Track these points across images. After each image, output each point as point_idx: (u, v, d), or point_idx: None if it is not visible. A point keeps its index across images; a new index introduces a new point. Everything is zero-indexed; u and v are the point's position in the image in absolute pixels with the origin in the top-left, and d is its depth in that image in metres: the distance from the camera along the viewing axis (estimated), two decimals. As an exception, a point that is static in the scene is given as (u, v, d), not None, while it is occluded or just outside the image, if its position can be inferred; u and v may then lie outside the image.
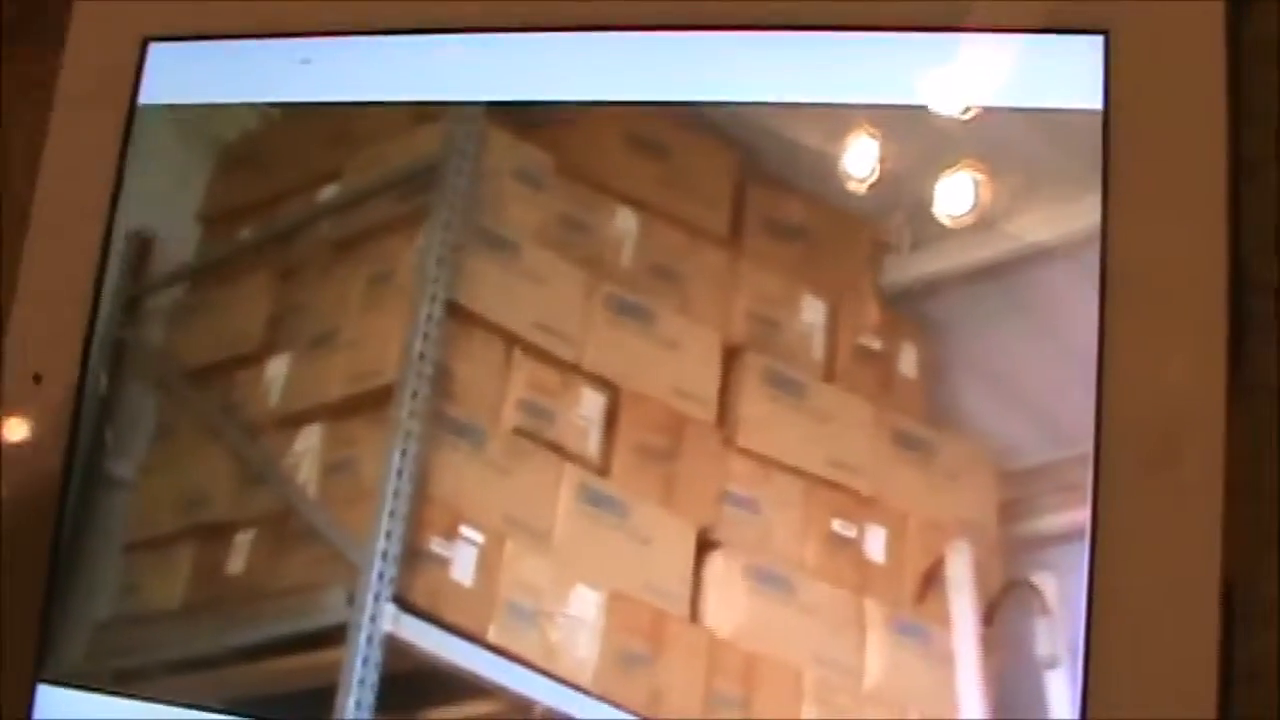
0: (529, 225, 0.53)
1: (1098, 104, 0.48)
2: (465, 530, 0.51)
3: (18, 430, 0.57)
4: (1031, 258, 0.48)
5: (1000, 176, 0.49)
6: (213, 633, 0.54)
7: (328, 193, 0.56)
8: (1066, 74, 0.49)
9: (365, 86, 0.55)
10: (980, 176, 0.49)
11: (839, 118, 0.51)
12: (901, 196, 0.50)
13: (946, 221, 0.49)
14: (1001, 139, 0.49)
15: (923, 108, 0.50)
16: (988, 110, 0.49)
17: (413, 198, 0.54)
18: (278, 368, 0.55)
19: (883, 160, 0.50)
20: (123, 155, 0.57)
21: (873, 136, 0.50)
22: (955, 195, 0.49)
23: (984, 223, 0.49)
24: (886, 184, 0.50)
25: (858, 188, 0.50)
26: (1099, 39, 0.48)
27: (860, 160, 0.50)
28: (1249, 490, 0.46)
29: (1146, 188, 0.48)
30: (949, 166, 0.50)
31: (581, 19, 0.53)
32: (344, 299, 0.55)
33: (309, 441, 0.54)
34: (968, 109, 0.50)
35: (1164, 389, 0.46)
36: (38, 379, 0.57)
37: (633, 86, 0.52)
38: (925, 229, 0.49)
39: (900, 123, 0.50)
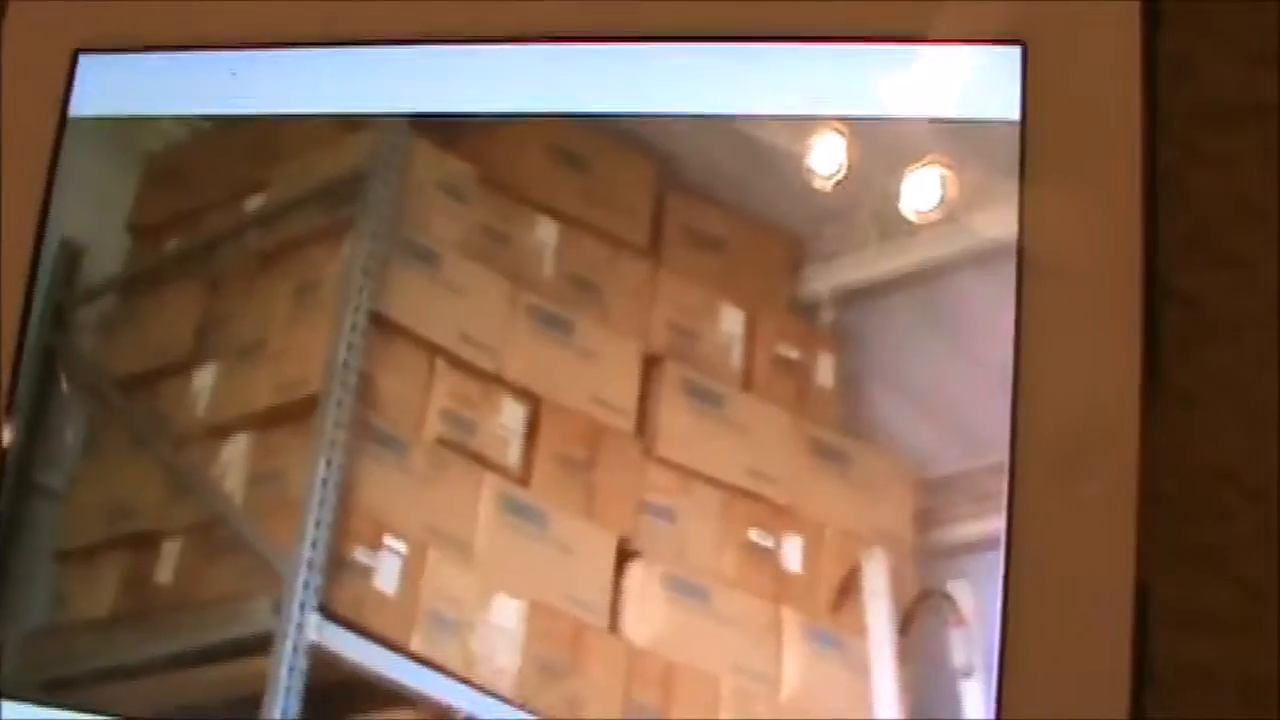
0: (452, 236, 0.52)
1: (1015, 115, 0.47)
2: (389, 540, 0.50)
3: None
4: (948, 268, 0.48)
5: (917, 187, 0.48)
6: (141, 642, 0.53)
7: (254, 204, 0.55)
8: (985, 85, 0.48)
9: (292, 99, 0.54)
10: (897, 187, 0.49)
11: (756, 129, 0.50)
12: (818, 207, 0.49)
13: (863, 232, 0.49)
14: (919, 150, 0.49)
15: (839, 118, 0.49)
16: (905, 121, 0.49)
17: (337, 209, 0.54)
18: (205, 378, 0.54)
19: (800, 170, 0.50)
20: (54, 166, 0.56)
21: (790, 147, 0.50)
22: (873, 205, 0.49)
23: (901, 233, 0.48)
24: (803, 194, 0.49)
25: (775, 198, 0.50)
26: (1016, 50, 0.48)
27: (778, 170, 0.50)
28: (1162, 501, 0.46)
29: (1062, 199, 0.47)
30: (866, 177, 0.49)
31: (504, 30, 0.52)
32: (270, 310, 0.54)
33: (236, 451, 0.53)
34: (884, 119, 0.49)
35: (1078, 398, 0.46)
36: (-33, 388, 0.56)
37: (555, 98, 0.51)
38: (843, 239, 0.49)
39: (818, 133, 0.49)
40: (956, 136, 0.48)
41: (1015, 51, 0.48)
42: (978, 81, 0.48)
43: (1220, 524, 0.48)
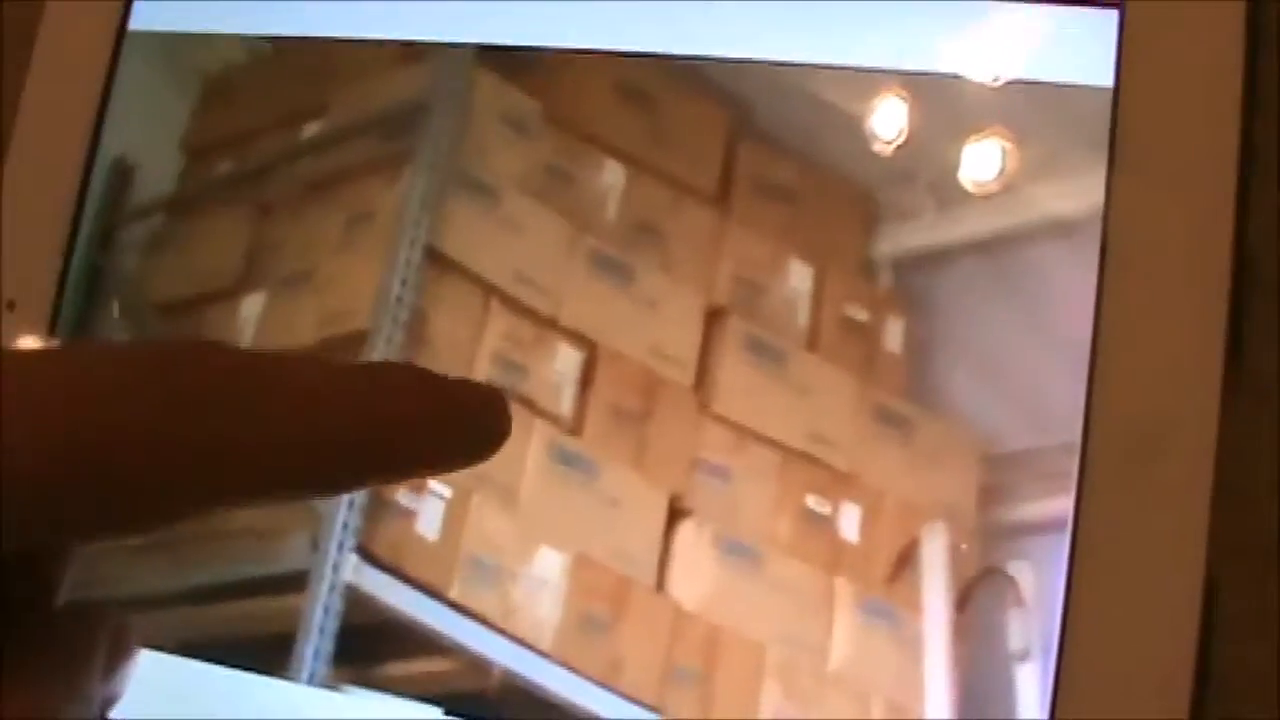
0: (513, 172, 0.49)
1: (1108, 81, 0.44)
2: (433, 483, 0.47)
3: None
4: (1028, 236, 0.44)
5: (1000, 150, 0.45)
6: (172, 571, 0.50)
7: (310, 130, 0.52)
8: (1079, 49, 0.44)
9: (354, 23, 0.51)
10: (979, 149, 0.45)
11: (835, 80, 0.46)
12: (897, 164, 0.46)
13: (940, 193, 0.45)
14: (1004, 112, 0.45)
15: (924, 74, 0.46)
16: (991, 81, 0.45)
17: (396, 139, 0.50)
18: (252, 307, 0.51)
19: (879, 126, 0.46)
20: (109, 81, 0.53)
21: (870, 101, 0.46)
22: (952, 167, 0.45)
23: (980, 197, 0.45)
24: (882, 151, 0.46)
25: (852, 152, 0.46)
26: (1113, 13, 0.44)
27: (856, 125, 0.46)
28: (1238, 494, 0.42)
29: (1153, 172, 0.43)
30: (948, 136, 0.45)
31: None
32: (321, 239, 0.50)
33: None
34: (971, 79, 0.45)
35: (1157, 381, 0.42)
36: (11, 306, 0.53)
37: (627, 37, 0.48)
38: (918, 200, 0.45)
39: (900, 89, 0.46)
40: (1032, 101, 0.45)
41: (1112, 15, 0.44)
42: (1066, 46, 0.45)
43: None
